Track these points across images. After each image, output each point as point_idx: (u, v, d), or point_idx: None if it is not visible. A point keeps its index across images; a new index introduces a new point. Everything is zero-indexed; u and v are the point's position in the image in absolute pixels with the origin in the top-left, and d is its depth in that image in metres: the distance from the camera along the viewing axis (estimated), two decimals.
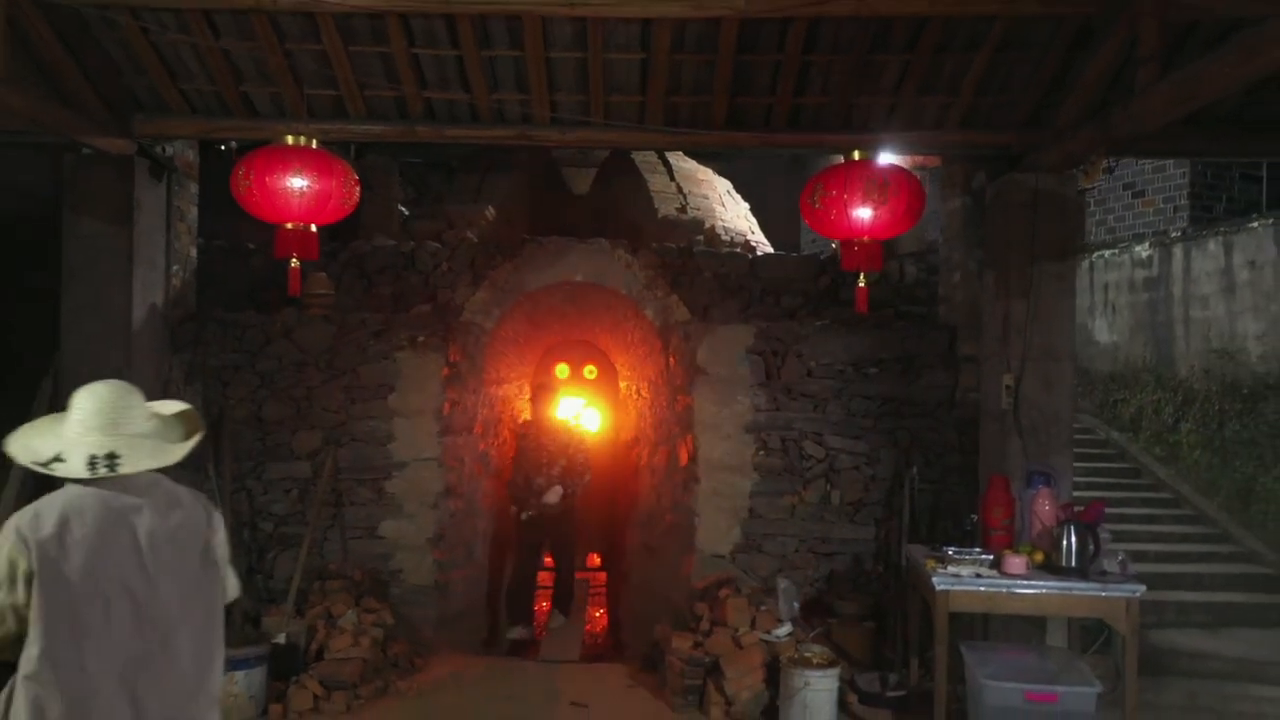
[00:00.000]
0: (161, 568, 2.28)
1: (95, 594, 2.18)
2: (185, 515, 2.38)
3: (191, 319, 6.17)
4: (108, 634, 2.18)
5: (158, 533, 2.29)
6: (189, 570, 2.33)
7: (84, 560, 2.18)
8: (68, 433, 2.34)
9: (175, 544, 2.32)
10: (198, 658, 2.32)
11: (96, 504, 2.25)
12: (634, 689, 5.59)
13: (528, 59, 5.14)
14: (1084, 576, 4.45)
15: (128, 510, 2.28)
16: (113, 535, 2.24)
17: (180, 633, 2.28)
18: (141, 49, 5.18)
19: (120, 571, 2.23)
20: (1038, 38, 5.03)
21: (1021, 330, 5.61)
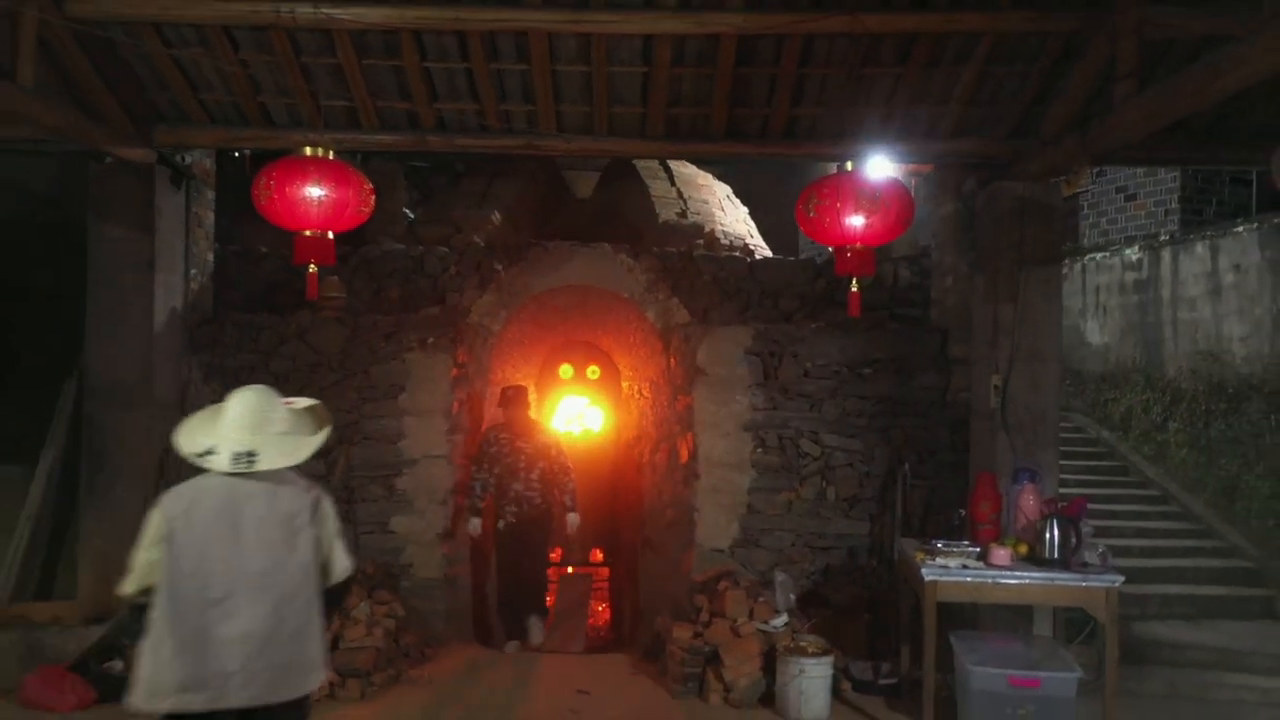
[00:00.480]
0: (258, 545, 2.83)
1: (202, 561, 2.79)
2: (289, 504, 2.91)
3: (209, 322, 6.38)
4: (203, 588, 2.78)
5: (263, 517, 2.85)
6: (282, 549, 2.86)
7: (199, 534, 2.81)
8: (221, 430, 2.90)
9: (275, 527, 2.86)
10: (281, 620, 2.83)
11: (222, 490, 2.86)
12: (636, 677, 5.80)
13: (534, 72, 5.35)
14: (1066, 567, 4.66)
15: (243, 497, 2.86)
16: (225, 516, 2.83)
17: (265, 598, 2.81)
18: (164, 63, 5.39)
19: (223, 546, 2.81)
20: (1024, 52, 5.24)
21: (1010, 332, 5.83)
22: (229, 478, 2.86)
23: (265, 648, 2.80)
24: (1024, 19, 4.93)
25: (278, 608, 2.83)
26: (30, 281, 7.04)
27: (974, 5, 4.91)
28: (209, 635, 2.77)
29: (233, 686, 2.78)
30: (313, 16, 4.90)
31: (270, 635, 2.81)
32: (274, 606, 2.82)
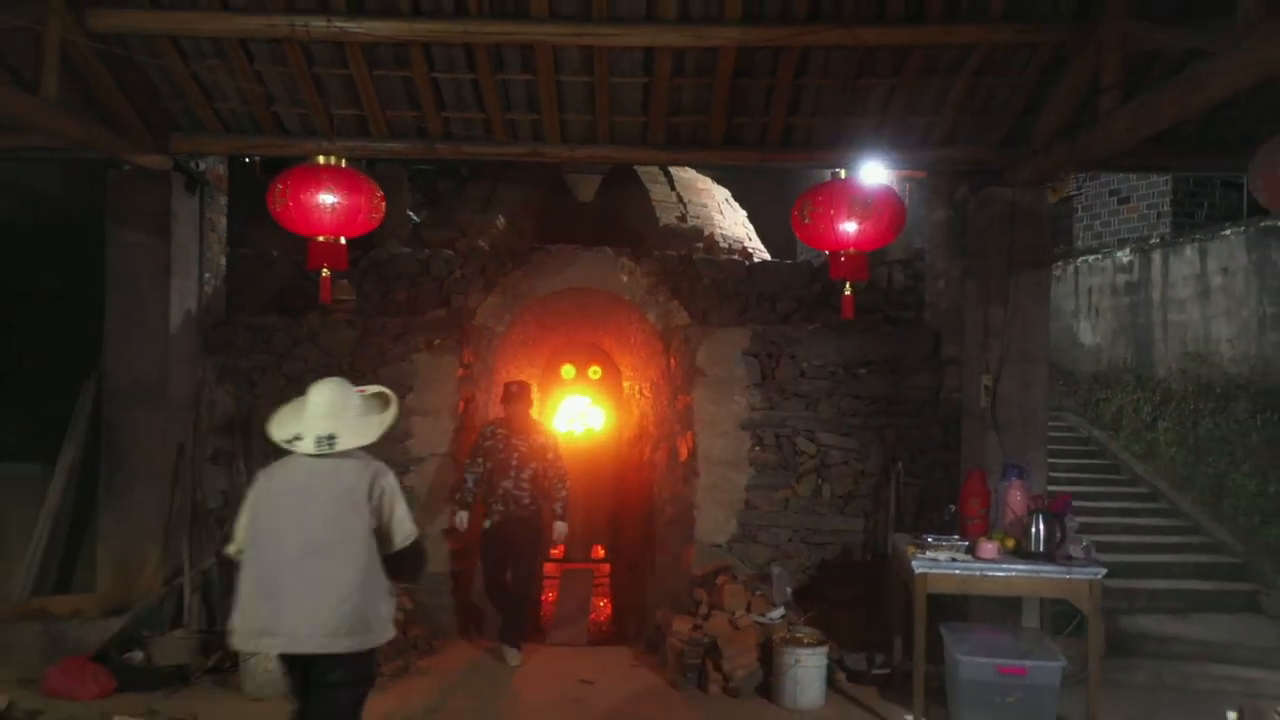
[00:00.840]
0: (322, 515, 3.27)
1: (277, 528, 3.28)
2: (351, 479, 3.33)
3: (222, 324, 6.55)
4: (278, 549, 3.25)
5: (329, 491, 3.30)
6: (342, 519, 3.27)
7: (276, 505, 3.33)
8: (305, 419, 3.37)
9: (337, 500, 3.28)
10: (341, 581, 3.24)
11: (302, 466, 3.36)
12: (637, 669, 5.98)
13: (539, 83, 5.53)
14: (1051, 560, 4.84)
15: (316, 473, 3.34)
16: (298, 490, 3.32)
17: (323, 557, 3.23)
18: (180, 73, 5.57)
19: (294, 515, 3.28)
20: (1014, 64, 5.41)
21: (1000, 334, 6.01)
22: (306, 457, 3.34)
23: (327, 604, 3.21)
24: (1014, 32, 5.11)
25: (339, 570, 3.24)
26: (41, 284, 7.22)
27: (966, 18, 5.08)
28: (282, 590, 3.22)
29: (301, 635, 3.21)
30: (326, 30, 5.08)
31: (331, 594, 3.22)
32: (336, 569, 3.24)
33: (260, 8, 5.05)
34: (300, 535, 3.24)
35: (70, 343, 6.83)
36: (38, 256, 7.34)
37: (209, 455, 6.32)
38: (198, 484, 6.16)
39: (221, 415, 6.40)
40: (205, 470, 6.28)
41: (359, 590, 3.25)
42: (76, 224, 7.58)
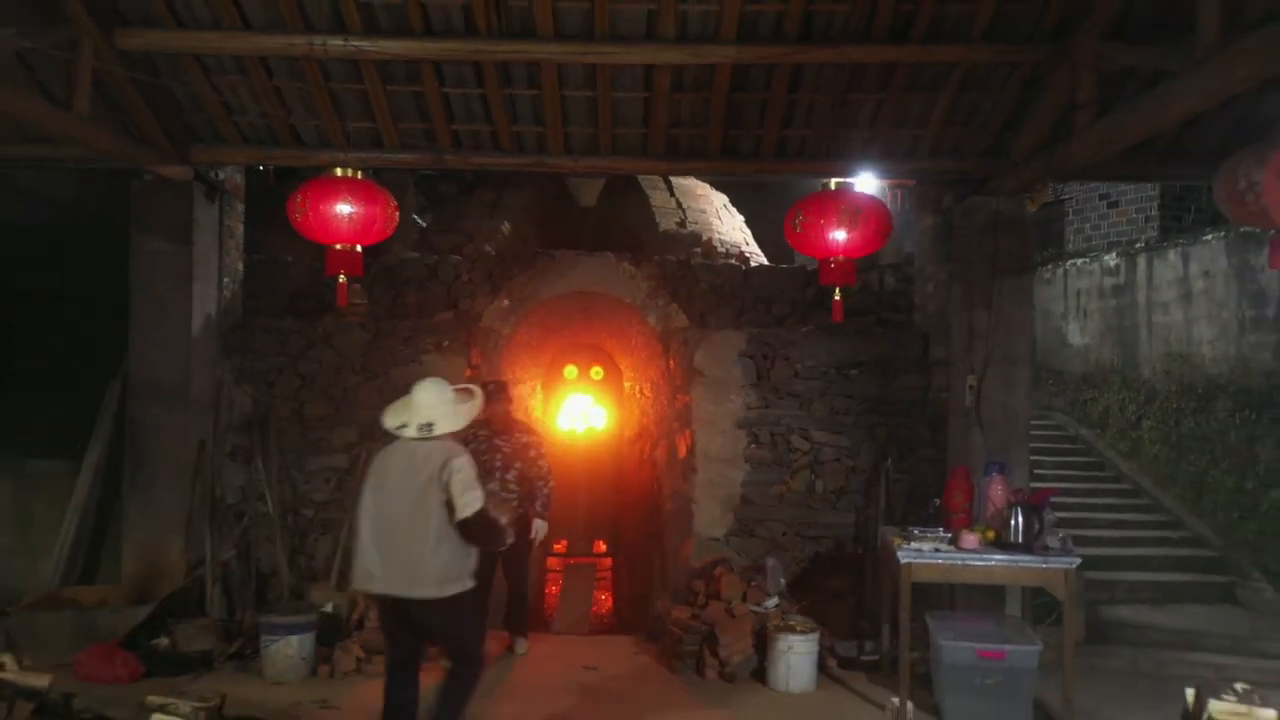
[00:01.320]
0: (411, 488, 4.01)
1: (382, 497, 4.08)
2: (436, 460, 4.03)
3: (240, 327, 6.82)
4: (385, 515, 4.06)
5: (418, 469, 4.03)
6: (424, 492, 4.00)
7: (383, 479, 4.11)
8: (410, 411, 4.13)
9: (422, 476, 4.01)
10: (420, 540, 3.98)
11: (403, 450, 4.13)
12: (638, 656, 6.25)
13: (545, 97, 5.80)
14: (1029, 551, 5.10)
15: (415, 454, 4.08)
16: (398, 467, 4.10)
17: (414, 522, 3.99)
18: (202, 89, 5.84)
19: (396, 485, 4.06)
20: (995, 80, 5.69)
21: (985, 337, 6.29)
22: (408, 441, 4.12)
23: (408, 557, 4.00)
24: (994, 51, 5.39)
25: (422, 534, 3.99)
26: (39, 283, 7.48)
27: (948, 38, 5.36)
28: (385, 546, 4.03)
29: (391, 581, 4.03)
30: (343, 49, 5.36)
31: (417, 552, 3.99)
32: (421, 532, 3.99)
33: (280, 28, 5.32)
34: (400, 504, 4.04)
35: (89, 344, 7.11)
36: (54, 259, 7.62)
37: (228, 452, 6.59)
38: (217, 480, 6.43)
39: (240, 414, 6.66)
40: (224, 467, 6.55)
41: (435, 551, 3.99)
42: (86, 226, 7.87)
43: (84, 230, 7.89)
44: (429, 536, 3.99)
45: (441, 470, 3.99)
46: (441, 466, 3.99)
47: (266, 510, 6.48)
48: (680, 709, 5.29)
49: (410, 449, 4.12)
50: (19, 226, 7.91)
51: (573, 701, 5.32)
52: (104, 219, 7.63)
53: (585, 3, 5.16)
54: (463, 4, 5.19)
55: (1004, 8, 5.18)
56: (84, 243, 7.71)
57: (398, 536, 4.02)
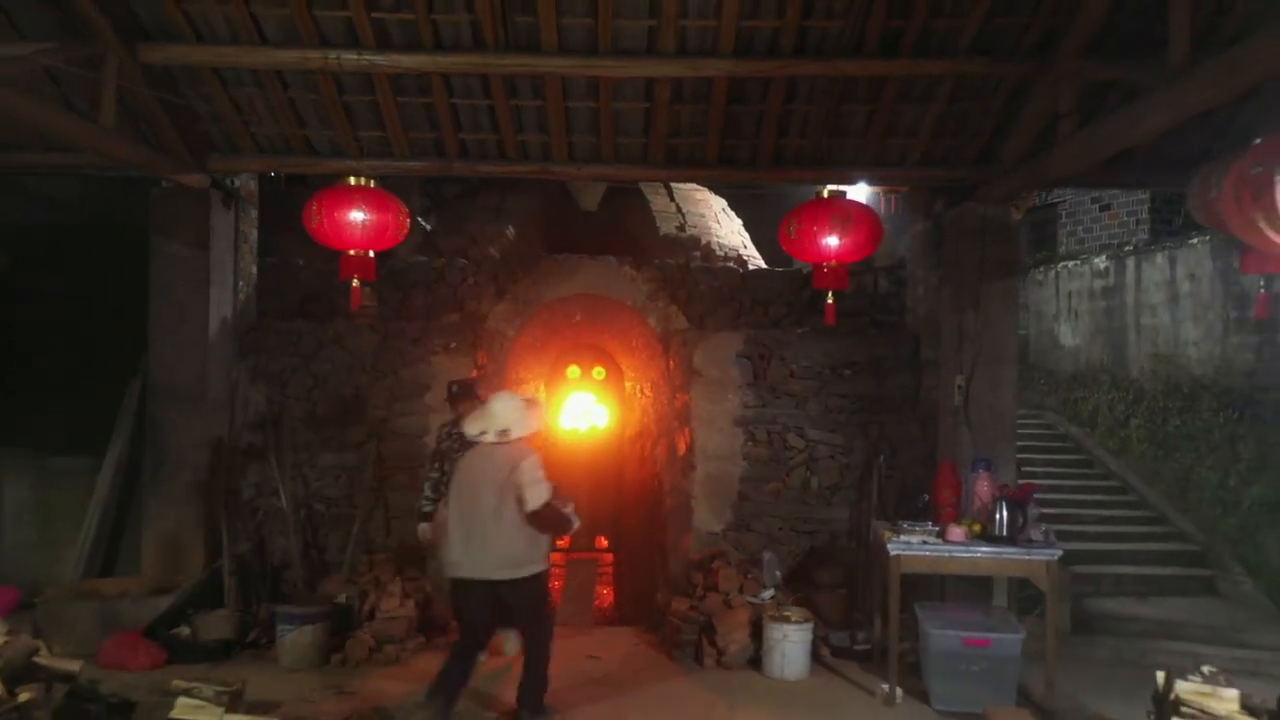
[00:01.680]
0: (490, 485, 4.74)
1: (466, 494, 4.82)
2: (509, 460, 4.75)
3: (254, 328, 7.05)
4: (470, 509, 4.76)
5: (496, 468, 4.75)
6: (500, 488, 4.71)
7: (467, 478, 4.87)
8: (488, 419, 4.87)
9: (498, 475, 4.72)
10: (497, 529, 4.71)
11: (484, 453, 4.86)
12: (639, 646, 6.48)
13: (549, 108, 6.03)
14: (1013, 543, 5.33)
15: (493, 457, 4.81)
16: (479, 468, 4.84)
17: (494, 515, 4.70)
18: (220, 100, 6.07)
19: (479, 484, 4.78)
20: (983, 91, 5.91)
21: (973, 338, 6.51)
22: (487, 445, 4.84)
23: (489, 544, 4.71)
24: (980, 64, 5.61)
25: (500, 525, 4.70)
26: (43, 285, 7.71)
27: (936, 53, 5.58)
28: (471, 537, 4.73)
29: (476, 566, 4.74)
30: (356, 63, 5.59)
31: (491, 537, 4.71)
32: (499, 524, 4.70)
33: (296, 42, 5.55)
34: (485, 501, 4.73)
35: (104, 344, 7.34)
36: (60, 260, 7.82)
37: (243, 450, 6.82)
38: (233, 476, 6.66)
39: (254, 413, 6.89)
40: (240, 464, 6.77)
41: (512, 540, 4.73)
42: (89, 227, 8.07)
43: (88, 231, 8.08)
44: (508, 527, 4.72)
45: (515, 469, 4.71)
46: (514, 467, 4.72)
47: (280, 506, 6.71)
48: (679, 695, 5.52)
49: (490, 452, 4.83)
50: (27, 227, 8.11)
51: (576, 689, 5.54)
52: (107, 220, 7.86)
53: (588, 19, 5.38)
54: (471, 20, 5.41)
55: (990, 23, 5.40)
56: (89, 244, 7.92)
57: (483, 528, 4.72)
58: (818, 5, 5.30)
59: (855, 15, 5.30)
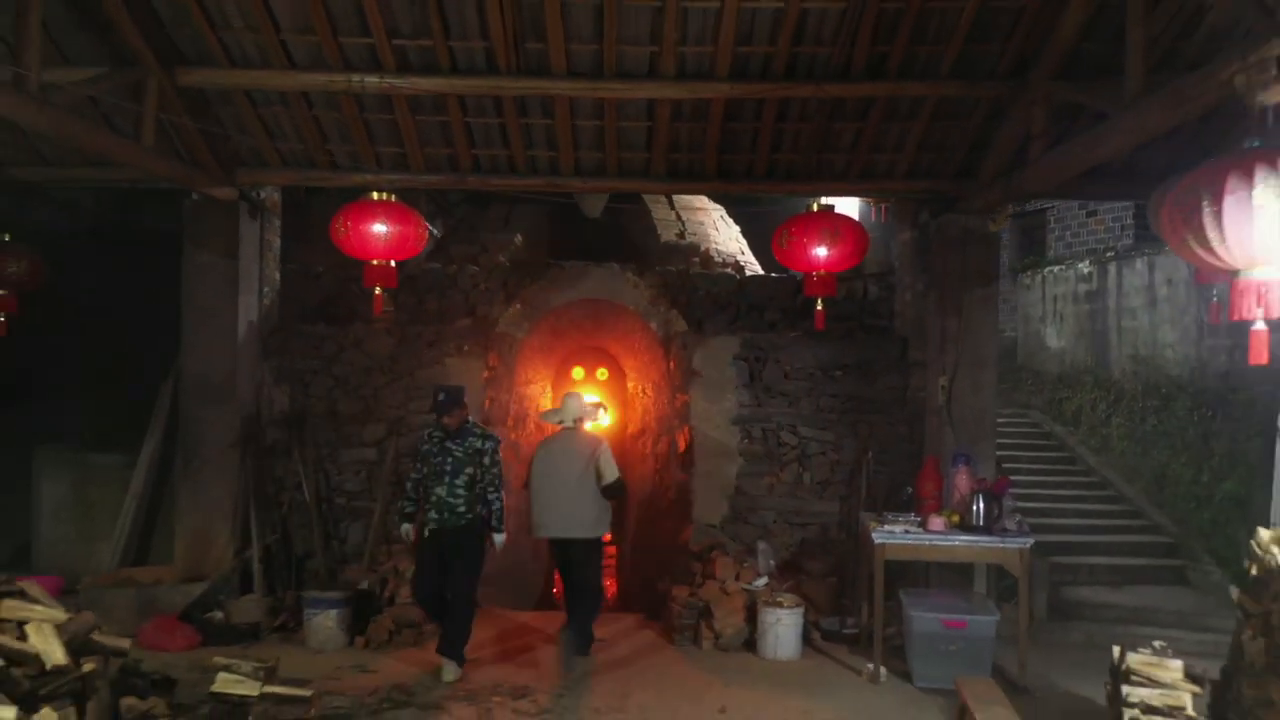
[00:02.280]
0: (570, 464, 6.12)
1: (550, 469, 6.19)
2: (586, 446, 6.21)
3: (278, 332, 7.43)
4: (552, 484, 6.14)
5: (576, 452, 6.16)
6: (580, 467, 6.11)
7: (551, 459, 6.24)
8: (564, 412, 6.36)
9: (578, 457, 6.14)
10: (578, 499, 6.09)
11: (563, 438, 6.30)
12: (641, 631, 6.86)
13: (557, 127, 6.41)
14: (988, 532, 5.71)
15: (565, 439, 6.28)
16: (560, 450, 6.24)
17: (574, 488, 6.08)
18: (249, 119, 6.46)
19: (559, 464, 6.16)
20: (962, 111, 6.29)
21: (955, 341, 6.89)
22: (565, 430, 6.29)
23: (568, 510, 6.07)
24: (959, 86, 5.99)
25: (576, 493, 6.09)
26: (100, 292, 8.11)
27: (919, 75, 5.96)
28: (555, 505, 6.10)
29: (556, 528, 6.13)
30: (378, 86, 5.97)
31: (571, 504, 6.06)
32: (574, 492, 6.08)
33: (322, 66, 5.93)
34: (564, 476, 6.10)
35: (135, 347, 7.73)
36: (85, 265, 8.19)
37: (268, 446, 7.21)
38: (260, 472, 7.05)
39: (278, 411, 7.27)
40: (265, 460, 7.16)
41: (590, 507, 6.11)
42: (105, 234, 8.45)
43: (103, 237, 8.45)
44: (585, 498, 6.08)
45: (593, 453, 6.16)
46: (594, 450, 6.18)
47: (303, 499, 7.09)
48: (679, 674, 5.90)
49: (569, 436, 6.28)
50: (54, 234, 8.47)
51: (585, 669, 5.93)
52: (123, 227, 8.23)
53: (594, 45, 5.77)
54: (485, 46, 5.80)
55: (968, 49, 5.78)
56: (107, 250, 8.29)
57: (567, 496, 6.06)
58: (808, 33, 5.68)
59: (842, 42, 5.68)
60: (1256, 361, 3.59)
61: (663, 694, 5.51)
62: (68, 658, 4.17)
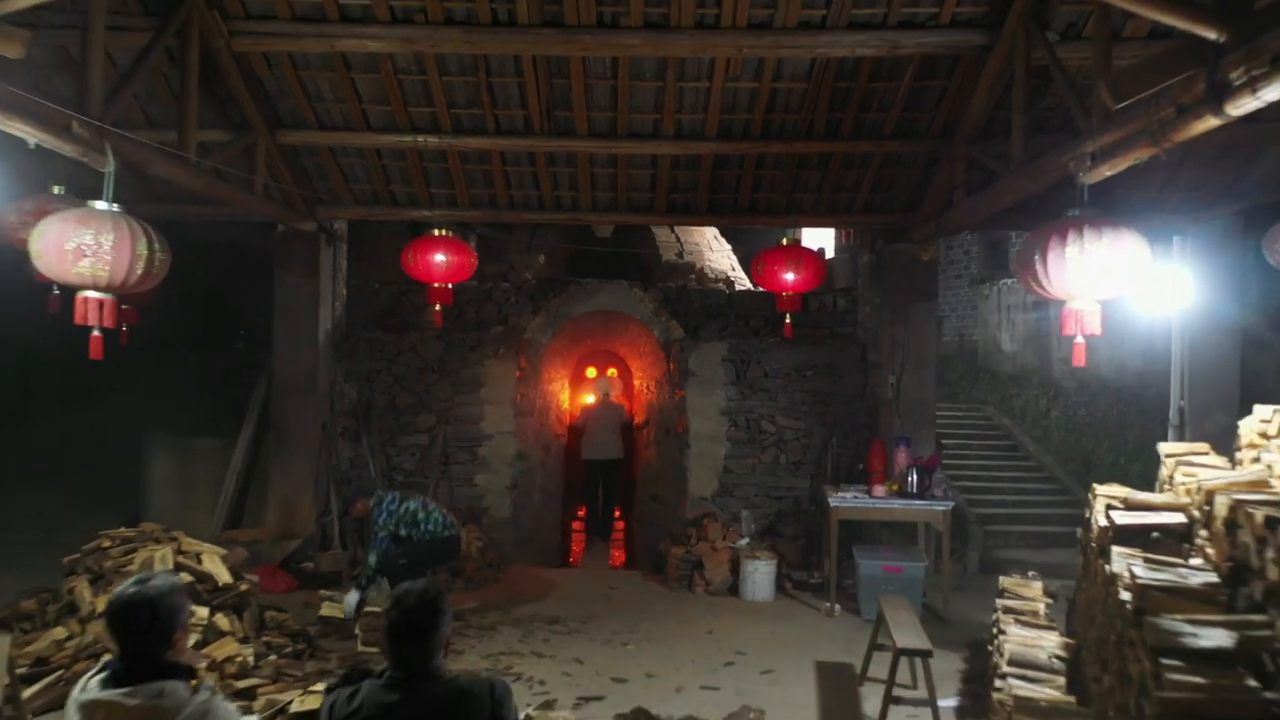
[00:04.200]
0: (607, 419, 10.35)
1: (595, 423, 10.37)
2: (614, 408, 10.46)
3: (347, 338, 8.90)
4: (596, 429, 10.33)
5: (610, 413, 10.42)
6: (614, 420, 10.33)
7: (594, 417, 10.46)
8: (604, 390, 10.47)
9: (610, 413, 10.40)
10: (610, 439, 10.28)
11: (601, 404, 10.52)
12: (647, 581, 8.33)
13: (579, 174, 7.86)
14: (920, 498, 7.16)
15: (604, 405, 10.47)
16: (600, 411, 10.45)
17: (605, 431, 10.24)
18: (331, 168, 7.92)
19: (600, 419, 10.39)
20: (903, 162, 7.73)
21: (903, 346, 8.34)
22: (605, 399, 10.41)
23: (607, 441, 10.14)
24: (899, 145, 7.43)
25: (611, 433, 10.20)
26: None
27: (866, 136, 7.38)
28: (597, 440, 10.19)
29: (600, 453, 10.17)
30: (437, 144, 7.44)
31: (607, 439, 10.13)
32: (610, 433, 10.19)
33: (394, 129, 7.39)
34: (605, 425, 10.15)
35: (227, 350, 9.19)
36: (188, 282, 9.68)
37: (340, 432, 8.68)
38: (334, 453, 8.52)
39: (348, 403, 8.74)
40: (338, 443, 8.63)
41: (618, 441, 10.21)
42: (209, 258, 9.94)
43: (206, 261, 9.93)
44: (616, 435, 10.12)
45: (619, 413, 10.12)
46: (619, 411, 10.19)
47: (370, 475, 8.56)
48: (676, 610, 7.35)
49: (606, 403, 10.34)
50: None
51: (602, 606, 7.39)
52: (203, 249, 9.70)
53: (610, 113, 7.22)
54: (524, 113, 7.24)
55: (905, 116, 7.21)
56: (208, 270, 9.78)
57: (605, 435, 10.13)
58: (778, 104, 7.13)
59: (805, 111, 7.13)
60: (1078, 364, 5.05)
61: (663, 623, 6.98)
62: (231, 579, 5.66)
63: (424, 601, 2.55)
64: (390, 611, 2.55)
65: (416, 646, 2.54)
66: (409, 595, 2.58)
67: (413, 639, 2.52)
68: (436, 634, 2.55)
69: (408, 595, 2.58)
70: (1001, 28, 6.08)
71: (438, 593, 2.62)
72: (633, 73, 6.82)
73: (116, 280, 4.69)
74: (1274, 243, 6.49)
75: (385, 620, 2.56)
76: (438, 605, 2.57)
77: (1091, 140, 5.02)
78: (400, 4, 6.24)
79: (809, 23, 6.29)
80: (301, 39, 6.42)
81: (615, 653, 6.25)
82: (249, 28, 6.37)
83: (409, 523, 6.52)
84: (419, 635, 2.53)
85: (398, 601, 2.57)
